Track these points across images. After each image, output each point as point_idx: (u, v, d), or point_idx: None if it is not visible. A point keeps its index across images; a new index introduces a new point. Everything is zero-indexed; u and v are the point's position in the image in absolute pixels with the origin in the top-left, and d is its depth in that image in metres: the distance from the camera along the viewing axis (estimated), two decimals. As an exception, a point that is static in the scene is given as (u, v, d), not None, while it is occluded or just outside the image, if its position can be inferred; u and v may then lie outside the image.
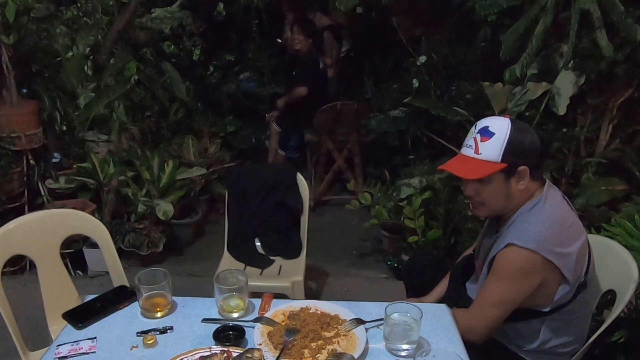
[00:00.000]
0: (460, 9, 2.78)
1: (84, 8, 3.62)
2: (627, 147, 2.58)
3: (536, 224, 1.37)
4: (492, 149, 1.38)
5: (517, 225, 1.41)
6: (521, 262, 1.35)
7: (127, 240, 3.04)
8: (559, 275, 1.37)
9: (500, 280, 1.40)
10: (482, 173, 1.39)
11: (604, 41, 2.20)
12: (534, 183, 1.43)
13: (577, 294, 1.44)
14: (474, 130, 1.43)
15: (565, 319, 1.46)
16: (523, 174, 1.39)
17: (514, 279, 1.38)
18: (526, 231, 1.36)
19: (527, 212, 1.41)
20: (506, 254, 1.38)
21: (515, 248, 1.35)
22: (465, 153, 1.44)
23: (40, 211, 2.04)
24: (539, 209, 1.41)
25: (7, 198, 2.96)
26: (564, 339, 1.49)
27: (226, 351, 1.20)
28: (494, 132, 1.39)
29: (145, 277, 1.40)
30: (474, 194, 1.46)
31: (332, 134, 3.93)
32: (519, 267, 1.36)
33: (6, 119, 2.92)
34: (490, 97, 2.63)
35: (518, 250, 1.35)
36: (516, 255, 1.36)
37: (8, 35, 2.82)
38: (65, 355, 1.25)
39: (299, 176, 2.50)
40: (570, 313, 1.46)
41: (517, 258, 1.36)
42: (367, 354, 1.26)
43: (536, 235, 1.35)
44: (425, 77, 3.23)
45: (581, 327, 1.52)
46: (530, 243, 1.34)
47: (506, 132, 1.37)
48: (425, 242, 2.89)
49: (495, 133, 1.38)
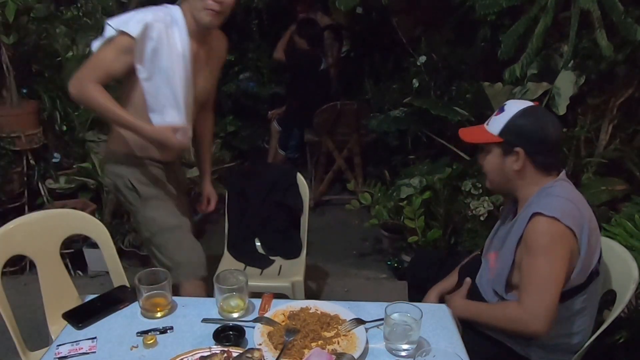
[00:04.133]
0: (460, 9, 2.78)
1: (84, 8, 3.61)
2: (627, 147, 2.58)
3: (557, 197, 1.42)
4: (496, 123, 1.49)
5: (539, 200, 1.43)
6: (551, 231, 1.37)
7: (127, 240, 3.05)
8: (576, 249, 1.39)
9: (538, 255, 1.39)
10: (478, 139, 1.54)
11: (604, 41, 2.20)
12: (537, 172, 1.47)
13: (590, 281, 1.45)
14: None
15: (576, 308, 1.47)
16: (519, 155, 1.46)
17: (550, 249, 1.38)
18: (549, 203, 1.40)
19: (548, 188, 1.45)
20: (534, 225, 1.39)
21: (541, 217, 1.38)
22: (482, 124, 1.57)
23: (40, 211, 2.04)
24: (559, 185, 1.46)
25: (7, 198, 2.96)
26: (572, 329, 1.49)
27: (226, 351, 1.20)
28: (505, 110, 1.49)
29: (145, 277, 1.40)
30: (481, 162, 1.57)
31: (332, 134, 3.93)
32: (549, 236, 1.37)
33: (6, 119, 2.92)
34: (490, 97, 2.63)
35: (543, 219, 1.37)
36: (544, 224, 1.38)
37: (8, 35, 2.82)
38: (65, 355, 1.25)
39: (299, 176, 2.50)
40: (582, 302, 1.46)
41: (546, 227, 1.37)
42: (367, 354, 1.26)
43: (559, 206, 1.38)
44: (425, 77, 3.23)
45: (588, 320, 1.52)
46: (554, 212, 1.36)
47: (514, 112, 1.46)
48: (425, 242, 2.89)
49: (506, 111, 1.48)
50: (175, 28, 1.72)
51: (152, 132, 1.72)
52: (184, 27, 1.73)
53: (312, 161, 4.18)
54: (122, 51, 1.67)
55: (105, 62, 1.69)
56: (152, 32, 1.67)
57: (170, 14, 1.74)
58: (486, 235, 1.73)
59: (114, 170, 1.90)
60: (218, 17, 1.72)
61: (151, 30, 1.67)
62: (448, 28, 3.31)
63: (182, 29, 1.73)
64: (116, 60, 1.69)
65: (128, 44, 1.66)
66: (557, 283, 1.38)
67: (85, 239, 2.94)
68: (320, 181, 4.07)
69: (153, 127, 1.73)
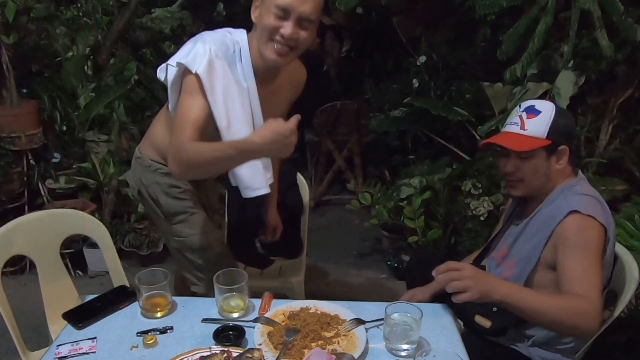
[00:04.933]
0: (460, 9, 2.78)
1: (84, 8, 3.62)
2: (627, 147, 2.58)
3: (587, 195, 1.41)
4: (538, 125, 1.44)
5: (568, 197, 1.41)
6: (590, 228, 1.36)
7: (127, 240, 3.05)
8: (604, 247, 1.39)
9: (580, 249, 1.35)
10: (529, 146, 1.44)
11: (604, 41, 2.20)
12: (569, 167, 1.48)
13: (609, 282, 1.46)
14: (519, 110, 1.50)
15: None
16: (563, 153, 1.45)
17: (591, 245, 1.35)
18: (582, 200, 1.39)
19: (572, 187, 1.44)
20: (572, 222, 1.37)
21: (579, 215, 1.36)
22: (510, 130, 1.48)
23: (40, 211, 2.04)
24: (584, 184, 1.46)
25: (7, 198, 2.96)
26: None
27: (226, 351, 1.20)
28: (540, 110, 1.45)
29: (145, 277, 1.40)
30: (514, 169, 1.48)
31: (332, 134, 3.93)
32: (589, 233, 1.36)
33: (6, 119, 2.92)
34: (490, 97, 2.63)
35: (582, 217, 1.36)
36: (583, 222, 1.36)
37: (8, 35, 2.82)
38: (65, 355, 1.25)
39: (299, 176, 2.50)
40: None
41: (585, 225, 1.36)
42: (367, 354, 1.26)
43: (592, 206, 1.38)
44: (425, 77, 3.23)
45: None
46: (590, 211, 1.36)
47: (552, 112, 1.45)
48: (425, 242, 2.89)
49: (542, 111, 1.45)
50: (239, 64, 1.46)
51: (263, 140, 1.27)
52: (248, 62, 1.46)
53: (312, 161, 4.18)
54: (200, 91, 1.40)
55: (196, 116, 1.39)
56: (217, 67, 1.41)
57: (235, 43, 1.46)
58: (486, 235, 1.73)
59: (141, 176, 1.72)
60: (287, 58, 1.41)
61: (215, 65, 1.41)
62: (448, 28, 3.31)
63: (247, 64, 1.46)
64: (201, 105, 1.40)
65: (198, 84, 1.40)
66: (600, 277, 1.35)
67: (85, 239, 2.94)
68: (320, 181, 4.07)
69: (262, 134, 1.28)
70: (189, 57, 1.40)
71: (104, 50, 3.57)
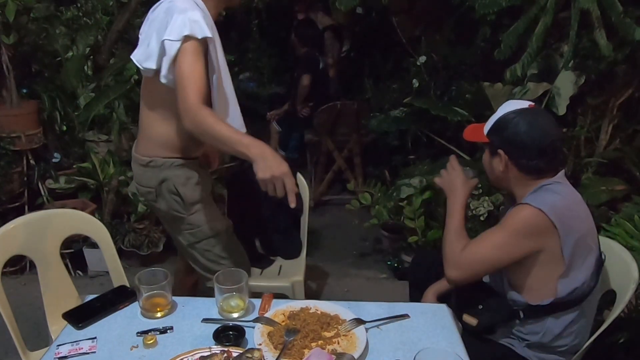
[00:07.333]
0: (460, 9, 2.78)
1: (84, 8, 3.62)
2: (627, 147, 2.58)
3: (552, 194, 1.41)
4: (489, 122, 1.50)
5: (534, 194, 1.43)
6: (529, 219, 1.38)
7: (127, 240, 3.04)
8: (558, 249, 1.38)
9: (503, 229, 1.42)
10: (472, 137, 1.57)
11: (603, 40, 2.20)
12: (523, 175, 1.45)
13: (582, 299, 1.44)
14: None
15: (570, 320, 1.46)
16: (502, 158, 1.46)
17: (517, 232, 1.39)
18: (542, 197, 1.40)
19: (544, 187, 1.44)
20: (517, 209, 1.41)
21: (527, 206, 1.38)
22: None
23: (40, 211, 2.04)
24: (556, 185, 1.44)
25: (7, 198, 2.96)
26: (568, 334, 1.48)
27: (226, 351, 1.20)
28: (499, 110, 1.49)
29: (145, 277, 1.40)
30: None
31: (332, 134, 3.93)
32: (524, 222, 1.38)
33: (6, 119, 2.92)
34: (490, 97, 2.63)
35: (529, 208, 1.38)
36: (526, 211, 1.38)
37: (8, 35, 2.82)
38: (65, 355, 1.25)
39: (299, 176, 2.50)
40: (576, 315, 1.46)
41: (526, 214, 1.38)
42: (367, 354, 1.26)
43: (551, 201, 1.38)
44: (425, 77, 3.23)
45: (585, 324, 1.51)
46: (543, 205, 1.36)
47: (503, 113, 1.46)
48: (425, 242, 2.89)
49: (498, 111, 1.48)
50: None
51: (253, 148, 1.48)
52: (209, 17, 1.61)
53: (312, 161, 4.18)
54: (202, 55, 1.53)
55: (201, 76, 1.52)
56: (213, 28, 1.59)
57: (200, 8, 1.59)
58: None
59: (156, 176, 1.74)
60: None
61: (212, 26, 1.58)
62: (448, 28, 3.31)
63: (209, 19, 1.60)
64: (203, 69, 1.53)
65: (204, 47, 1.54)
66: (498, 254, 1.41)
67: (85, 239, 2.94)
68: (320, 181, 4.07)
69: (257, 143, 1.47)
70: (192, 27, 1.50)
71: (104, 50, 3.57)
